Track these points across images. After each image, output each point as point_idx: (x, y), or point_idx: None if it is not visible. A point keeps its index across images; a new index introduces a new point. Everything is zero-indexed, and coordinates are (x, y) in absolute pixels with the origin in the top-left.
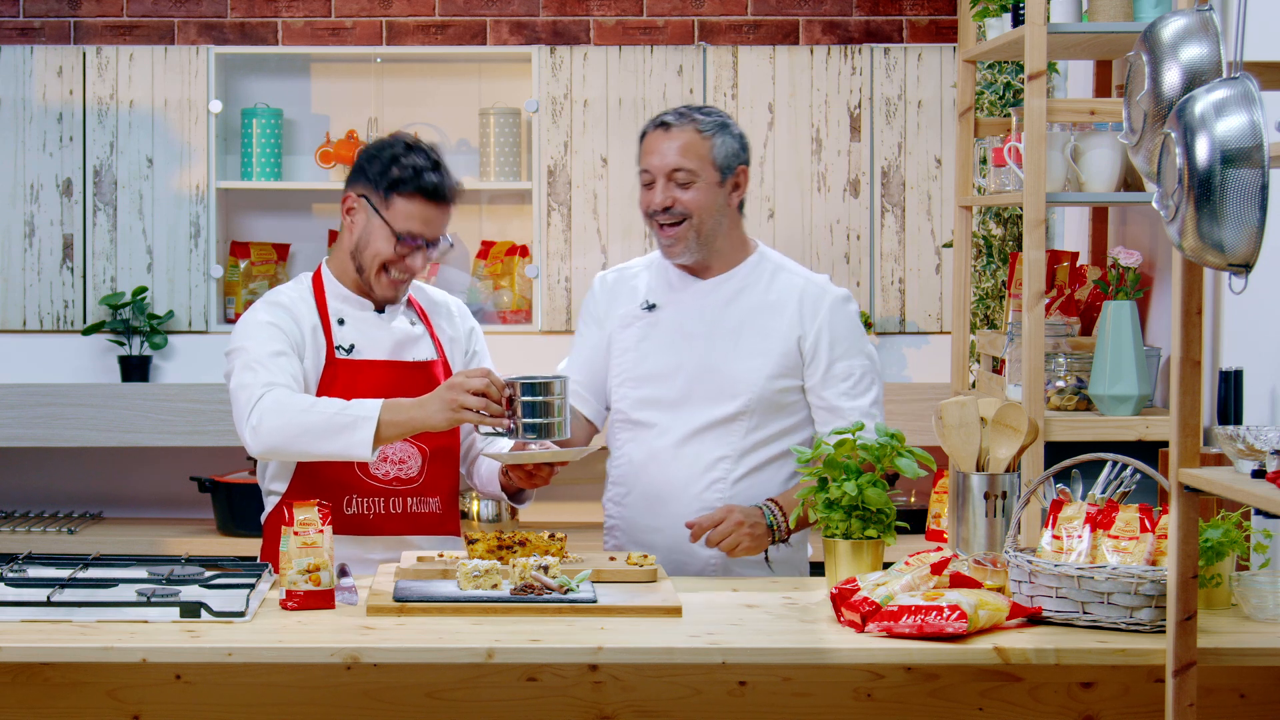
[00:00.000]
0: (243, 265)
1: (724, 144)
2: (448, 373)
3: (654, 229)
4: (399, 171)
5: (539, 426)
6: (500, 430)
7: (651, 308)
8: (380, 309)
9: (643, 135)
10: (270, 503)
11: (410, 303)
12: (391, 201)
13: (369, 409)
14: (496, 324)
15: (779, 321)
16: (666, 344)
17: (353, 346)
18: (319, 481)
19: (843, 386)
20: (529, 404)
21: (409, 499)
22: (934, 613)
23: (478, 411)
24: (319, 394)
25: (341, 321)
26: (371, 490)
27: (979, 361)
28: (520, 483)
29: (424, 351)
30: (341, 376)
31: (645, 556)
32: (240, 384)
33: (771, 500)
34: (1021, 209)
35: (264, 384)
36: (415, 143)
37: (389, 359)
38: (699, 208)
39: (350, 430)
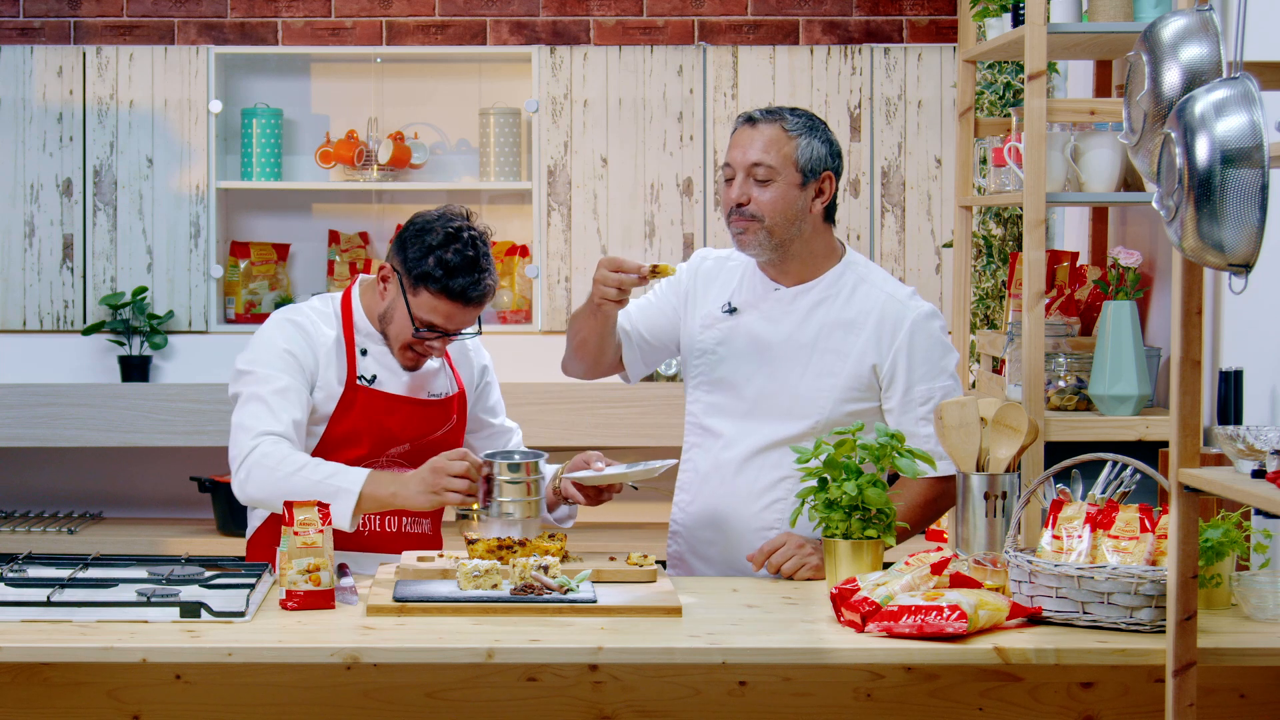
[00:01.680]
0: (243, 265)
1: (809, 146)
2: (463, 409)
3: (729, 223)
4: (432, 265)
5: (514, 507)
6: (475, 510)
7: (732, 311)
8: None
9: (732, 132)
10: (257, 519)
11: None
12: (418, 291)
13: (352, 480)
14: (496, 324)
15: (854, 341)
16: (742, 352)
17: (374, 377)
18: None
19: (920, 411)
20: (505, 483)
21: (403, 519)
22: (934, 613)
23: (459, 493)
24: (335, 417)
25: (364, 352)
26: None
27: (979, 361)
28: (588, 502)
29: (441, 386)
30: (360, 403)
31: (645, 556)
32: (239, 424)
33: None
34: (1021, 209)
35: (258, 434)
36: (460, 232)
37: (408, 395)
38: (773, 211)
39: (332, 501)
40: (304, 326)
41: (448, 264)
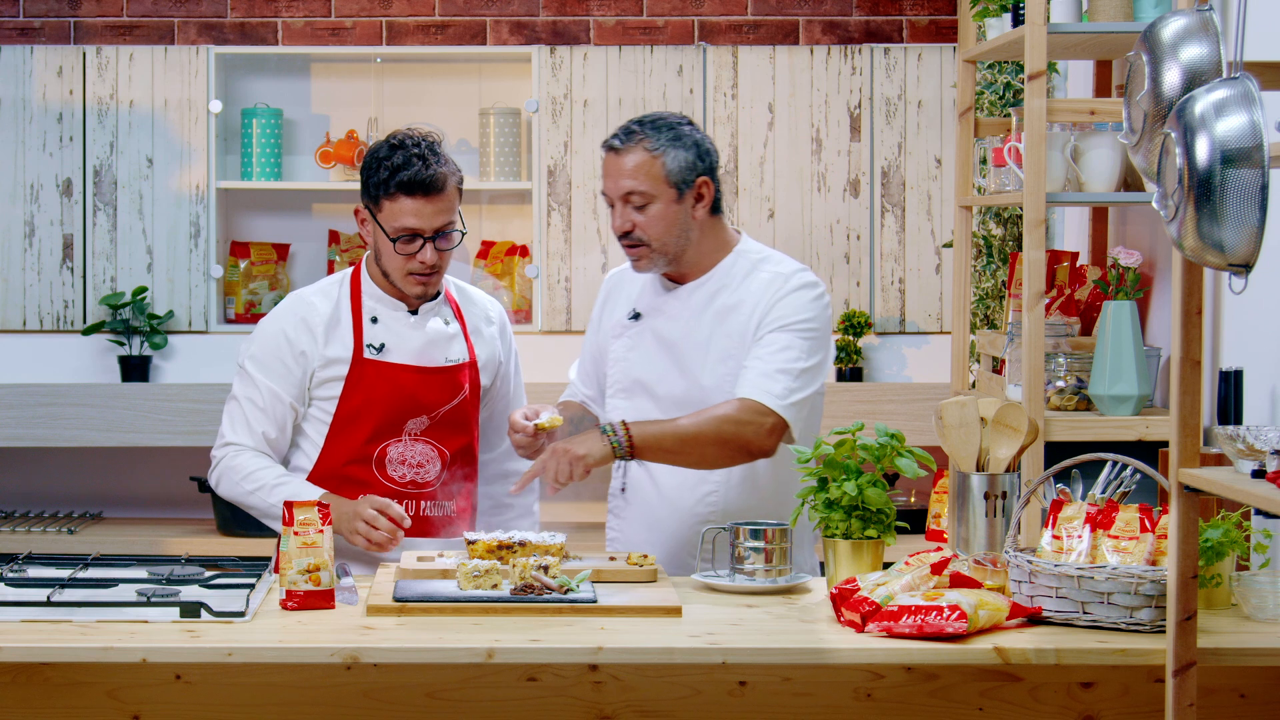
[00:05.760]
0: (243, 265)
1: (676, 159)
2: (475, 376)
3: (623, 247)
4: (382, 173)
5: (758, 575)
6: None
7: (636, 317)
8: (414, 310)
9: (602, 159)
10: None
11: (447, 298)
12: (381, 205)
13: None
14: None
15: (740, 320)
16: (649, 355)
17: (383, 346)
18: (334, 477)
19: (759, 350)
20: (748, 548)
21: (423, 503)
22: (934, 613)
23: (374, 544)
24: (346, 393)
25: (375, 320)
26: (387, 493)
27: (979, 361)
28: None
29: (456, 352)
30: (370, 375)
31: (645, 556)
32: (223, 423)
33: (621, 421)
34: (1021, 209)
35: (226, 443)
36: (403, 139)
37: (416, 363)
38: (657, 232)
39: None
40: (300, 313)
41: (394, 164)
